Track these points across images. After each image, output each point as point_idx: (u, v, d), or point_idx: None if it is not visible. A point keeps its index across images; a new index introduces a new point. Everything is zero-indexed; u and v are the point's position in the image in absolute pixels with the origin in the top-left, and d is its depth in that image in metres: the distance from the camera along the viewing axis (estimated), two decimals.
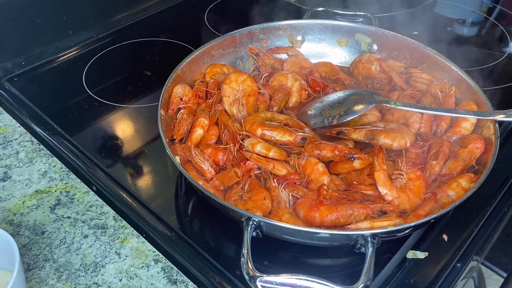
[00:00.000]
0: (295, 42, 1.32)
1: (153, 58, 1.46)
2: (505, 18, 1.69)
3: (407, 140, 1.02)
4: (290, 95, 1.17)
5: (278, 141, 1.04)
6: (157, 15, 1.66)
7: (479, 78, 1.27)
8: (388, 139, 1.02)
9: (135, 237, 0.92)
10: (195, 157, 0.97)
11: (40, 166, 1.06)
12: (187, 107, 1.10)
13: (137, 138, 1.18)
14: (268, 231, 0.83)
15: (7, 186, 1.02)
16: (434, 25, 1.53)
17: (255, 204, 0.90)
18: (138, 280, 0.85)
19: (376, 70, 1.24)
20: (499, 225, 0.99)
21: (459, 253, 0.92)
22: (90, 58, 1.43)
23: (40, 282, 0.84)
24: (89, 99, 1.28)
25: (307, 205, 0.89)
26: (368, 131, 1.04)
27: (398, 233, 0.86)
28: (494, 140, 0.97)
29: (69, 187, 1.02)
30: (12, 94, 1.29)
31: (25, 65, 1.39)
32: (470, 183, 0.92)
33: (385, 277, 0.87)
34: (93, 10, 1.52)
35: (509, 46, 1.53)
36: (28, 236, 0.92)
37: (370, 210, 0.88)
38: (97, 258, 0.88)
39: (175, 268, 0.87)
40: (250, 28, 1.28)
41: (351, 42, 1.32)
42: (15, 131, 1.16)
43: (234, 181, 0.96)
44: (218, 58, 1.24)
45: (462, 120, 1.06)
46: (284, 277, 0.73)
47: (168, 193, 1.04)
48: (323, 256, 0.94)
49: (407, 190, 0.93)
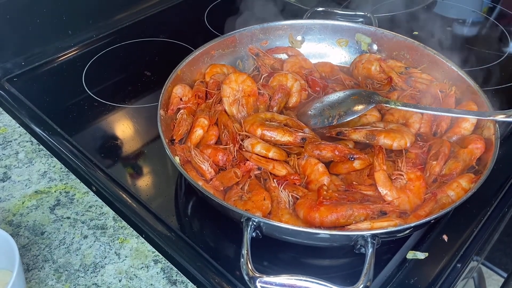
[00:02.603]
0: (295, 42, 1.32)
1: (153, 58, 1.46)
2: (505, 18, 1.69)
3: (407, 140, 1.02)
4: (290, 95, 1.17)
5: (278, 142, 1.03)
6: (157, 15, 1.66)
7: (479, 78, 1.27)
8: (388, 139, 1.02)
9: (134, 237, 0.92)
10: (195, 157, 0.97)
11: (40, 167, 1.06)
12: (186, 107, 1.10)
13: (137, 138, 1.18)
14: (268, 231, 0.83)
15: (7, 186, 1.02)
16: (434, 25, 1.53)
17: (255, 205, 0.90)
18: (137, 281, 0.85)
19: (376, 70, 1.24)
20: (499, 225, 0.99)
21: (459, 254, 0.91)
22: (90, 58, 1.43)
23: (40, 283, 0.84)
24: (89, 99, 1.28)
25: (307, 206, 0.89)
26: (368, 132, 1.04)
27: (398, 233, 0.86)
28: (494, 140, 0.97)
29: (69, 188, 1.02)
30: (12, 94, 1.29)
31: (24, 65, 1.39)
32: (470, 183, 0.92)
33: (385, 277, 0.87)
34: (93, 10, 1.52)
35: (509, 46, 1.52)
36: (27, 236, 0.92)
37: (370, 211, 0.87)
38: (97, 259, 0.88)
39: (174, 269, 0.87)
40: (250, 28, 1.28)
41: (351, 42, 1.32)
42: (14, 131, 1.16)
43: (234, 181, 0.96)
44: (218, 58, 1.24)
45: (462, 120, 1.06)
46: (283, 278, 0.73)
47: (168, 193, 1.04)
48: (323, 257, 0.94)
49: (407, 191, 0.93)
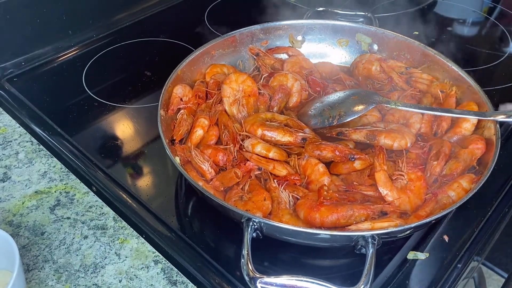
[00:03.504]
0: (296, 42, 1.32)
1: (153, 58, 1.46)
2: (505, 18, 1.69)
3: (407, 141, 1.02)
4: (291, 95, 1.17)
5: (278, 142, 1.03)
6: (157, 15, 1.65)
7: (480, 78, 1.27)
8: (388, 139, 1.02)
9: (135, 238, 0.92)
10: (195, 157, 0.97)
11: (40, 167, 1.06)
12: (187, 107, 1.10)
13: (137, 138, 1.17)
14: (268, 232, 0.83)
15: (7, 186, 1.02)
16: (434, 25, 1.53)
17: (255, 205, 0.90)
18: (138, 281, 0.85)
19: (377, 70, 1.24)
20: (499, 225, 0.99)
21: (459, 254, 0.91)
22: (90, 58, 1.43)
23: (40, 283, 0.84)
24: (89, 99, 1.28)
25: (307, 206, 0.89)
26: (368, 132, 1.04)
27: (398, 234, 0.86)
28: (495, 141, 0.97)
29: (69, 188, 1.02)
30: (12, 94, 1.29)
31: (24, 65, 1.39)
32: (471, 183, 0.92)
33: (386, 278, 0.87)
34: (92, 10, 1.52)
35: (510, 46, 1.52)
36: (27, 237, 0.92)
37: (370, 211, 0.87)
38: (97, 259, 0.88)
39: (175, 269, 0.87)
40: (250, 28, 1.27)
41: (352, 42, 1.31)
42: (14, 131, 1.16)
43: (234, 181, 0.96)
44: (218, 58, 1.24)
45: (462, 120, 1.05)
46: (284, 278, 0.72)
47: (168, 193, 1.03)
48: (323, 257, 0.94)
49: (407, 191, 0.93)
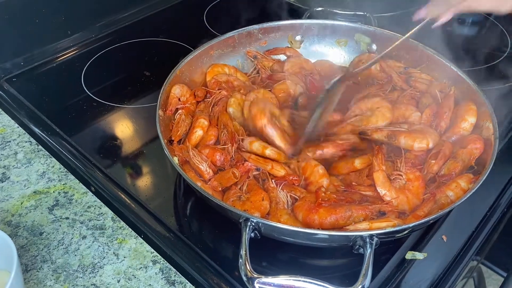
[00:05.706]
0: (294, 42, 1.32)
1: (152, 58, 1.46)
2: (505, 18, 1.68)
3: (429, 141, 1.00)
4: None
5: (273, 143, 1.02)
6: (156, 15, 1.65)
7: (479, 78, 1.26)
8: (409, 139, 1.01)
9: (133, 238, 0.92)
10: (193, 157, 0.97)
11: (39, 167, 1.06)
12: (185, 107, 1.10)
13: (136, 138, 1.17)
14: (266, 232, 0.83)
15: (5, 187, 1.02)
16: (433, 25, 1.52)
17: (253, 205, 0.90)
18: (136, 281, 0.85)
19: (376, 70, 1.24)
20: (498, 225, 0.99)
21: (458, 254, 0.91)
22: (89, 58, 1.43)
23: (38, 283, 0.84)
24: (88, 100, 1.28)
25: (306, 208, 0.88)
26: (390, 132, 1.03)
27: (397, 234, 0.86)
28: (493, 141, 0.97)
29: (68, 188, 1.02)
30: (11, 94, 1.29)
31: (23, 65, 1.39)
32: (469, 183, 0.92)
33: (384, 278, 0.87)
34: (92, 10, 1.52)
35: (509, 46, 1.52)
36: (26, 237, 0.92)
37: (368, 211, 0.87)
38: (95, 259, 0.88)
39: (173, 269, 0.87)
40: (249, 28, 1.27)
41: (350, 42, 1.31)
42: (13, 131, 1.16)
43: (232, 181, 0.95)
44: (217, 58, 1.24)
45: (461, 120, 1.05)
46: (282, 279, 0.72)
47: (167, 194, 1.03)
48: (321, 257, 0.94)
49: (406, 191, 0.93)
